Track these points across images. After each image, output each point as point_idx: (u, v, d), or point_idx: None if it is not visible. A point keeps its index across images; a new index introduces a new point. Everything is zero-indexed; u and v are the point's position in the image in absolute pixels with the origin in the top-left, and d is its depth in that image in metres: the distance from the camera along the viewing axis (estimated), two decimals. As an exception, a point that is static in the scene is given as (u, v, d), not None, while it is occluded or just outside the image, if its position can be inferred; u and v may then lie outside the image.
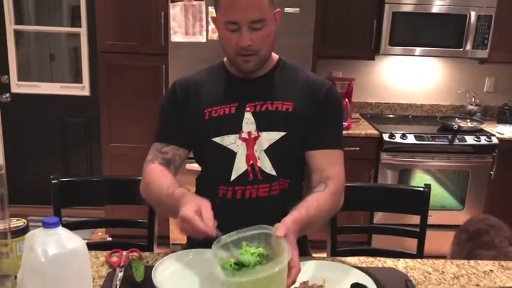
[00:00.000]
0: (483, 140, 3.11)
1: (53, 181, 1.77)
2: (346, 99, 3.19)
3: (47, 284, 1.01)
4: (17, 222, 1.23)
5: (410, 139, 3.09)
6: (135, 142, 3.09)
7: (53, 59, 3.75)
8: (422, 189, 1.79)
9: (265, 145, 1.34)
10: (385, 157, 3.11)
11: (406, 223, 1.97)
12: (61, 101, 3.68)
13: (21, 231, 1.19)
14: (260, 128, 1.35)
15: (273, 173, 1.36)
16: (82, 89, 3.65)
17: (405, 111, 3.70)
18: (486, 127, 3.29)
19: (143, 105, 3.10)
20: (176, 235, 3.07)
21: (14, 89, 3.63)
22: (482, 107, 3.58)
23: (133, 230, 1.84)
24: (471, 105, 3.56)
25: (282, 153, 1.36)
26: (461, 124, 3.24)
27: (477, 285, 1.30)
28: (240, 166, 1.35)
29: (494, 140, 3.12)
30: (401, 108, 3.70)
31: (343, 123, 3.01)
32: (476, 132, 3.18)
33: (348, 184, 1.80)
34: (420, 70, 3.63)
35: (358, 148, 3.07)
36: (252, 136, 1.35)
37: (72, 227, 1.79)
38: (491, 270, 1.38)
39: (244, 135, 1.35)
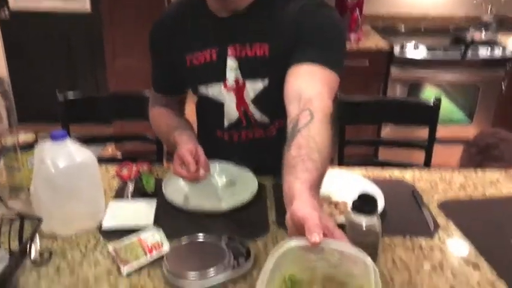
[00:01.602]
0: (496, 52, 3.01)
1: (59, 98, 1.77)
2: (357, 11, 3.06)
3: (59, 195, 1.03)
4: (25, 137, 1.23)
5: (422, 51, 3.00)
6: (140, 56, 3.02)
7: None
8: (432, 102, 1.77)
9: (251, 95, 1.26)
10: (395, 71, 3.04)
11: (414, 137, 1.96)
12: (63, 18, 3.57)
13: (31, 146, 1.20)
14: (244, 75, 1.24)
15: (265, 119, 1.31)
16: (83, 4, 3.53)
17: (418, 23, 3.56)
18: (501, 38, 3.17)
19: (146, 18, 2.99)
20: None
21: (12, 5, 3.52)
22: (499, 17, 3.43)
23: (143, 146, 1.86)
24: (486, 15, 3.41)
25: (270, 102, 1.24)
26: (474, 36, 3.13)
27: (483, 194, 1.31)
28: (231, 114, 1.30)
29: (508, 53, 3.02)
30: (413, 20, 3.56)
31: (351, 33, 2.97)
32: (490, 44, 3.08)
33: (356, 99, 1.79)
34: (435, -22, 3.44)
35: (367, 63, 3.00)
36: (240, 84, 1.25)
37: (81, 143, 1.83)
38: (497, 180, 1.38)
39: (231, 83, 1.25)
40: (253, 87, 1.25)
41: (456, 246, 1.08)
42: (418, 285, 0.95)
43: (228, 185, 1.30)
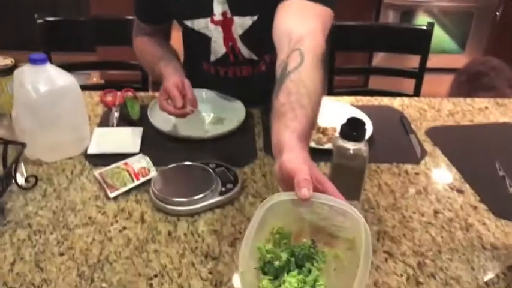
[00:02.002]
0: (493, -22, 2.92)
1: (39, 21, 1.69)
2: None
3: (41, 120, 1.00)
4: (4, 61, 1.19)
5: (416, -24, 2.90)
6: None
7: None
8: (425, 27, 1.73)
9: (239, 31, 1.20)
10: (387, -4, 2.95)
11: (405, 66, 1.92)
12: None
13: (9, 70, 1.15)
14: (232, 11, 1.18)
15: (253, 56, 1.26)
16: None
17: None
18: (498, -37, 3.07)
19: None
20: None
21: None
22: None
23: (128, 74, 1.81)
24: None
25: (258, 38, 1.18)
26: (472, -40, 3.01)
27: (471, 120, 1.31)
28: (218, 50, 1.25)
29: (505, -22, 2.93)
30: None
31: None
32: (487, -32, 2.98)
33: (347, 23, 1.74)
34: None
35: (359, -13, 2.90)
36: (228, 17, 1.18)
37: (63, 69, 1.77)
38: (486, 107, 1.38)
39: (218, 17, 1.19)
40: (242, 23, 1.19)
41: (441, 171, 1.09)
42: (402, 208, 0.96)
43: (215, 112, 1.28)
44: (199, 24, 1.21)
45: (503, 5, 2.99)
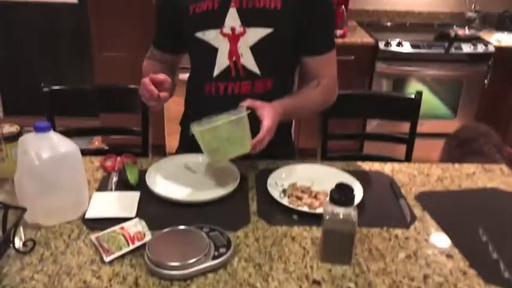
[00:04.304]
0: (479, 48, 3.07)
1: (44, 89, 1.77)
2: (343, 6, 3.09)
3: (42, 186, 1.04)
4: (10, 128, 1.24)
5: (406, 47, 3.05)
6: (128, 51, 3.04)
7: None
8: (413, 96, 1.80)
9: (252, 41, 1.34)
10: (380, 66, 3.08)
11: (398, 132, 1.97)
12: (50, 9, 3.55)
13: (15, 137, 1.21)
14: (246, 23, 1.33)
15: (256, 70, 1.36)
16: (69, -4, 3.52)
17: (403, 19, 3.61)
18: (484, 35, 3.23)
19: (133, 12, 3.00)
20: (172, 143, 3.13)
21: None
22: (482, 13, 3.49)
23: (129, 139, 1.87)
24: (470, 11, 3.46)
25: (268, 51, 1.35)
26: (458, 32, 3.18)
27: (459, 186, 1.35)
28: (222, 62, 1.37)
29: (491, 48, 3.07)
30: (399, 16, 3.60)
31: (337, 29, 2.99)
32: (473, 40, 3.13)
33: (340, 92, 1.82)
34: (420, -26, 3.49)
35: (353, 57, 3.04)
36: (236, 32, 1.33)
37: (66, 135, 1.83)
38: (473, 173, 1.42)
39: (227, 30, 1.33)
40: (255, 34, 1.33)
41: (431, 236, 1.11)
42: (392, 273, 0.98)
43: (210, 176, 1.32)
44: (210, 34, 1.35)
45: (490, 74, 3.12)
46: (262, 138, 1.19)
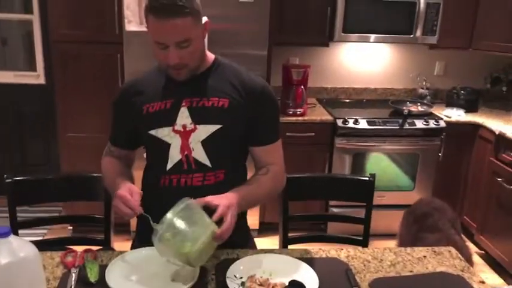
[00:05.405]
0: (431, 124, 3.26)
1: (7, 180, 1.78)
2: (302, 87, 3.26)
3: (-1, 292, 1.05)
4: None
5: (363, 124, 3.21)
6: (92, 132, 3.08)
7: (5, 43, 3.65)
8: (367, 178, 1.89)
9: (203, 136, 1.44)
10: (339, 142, 3.22)
11: (362, 208, 2.03)
12: (16, 90, 3.61)
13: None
14: (196, 121, 1.44)
15: (207, 163, 1.45)
16: (37, 78, 3.59)
17: (360, 95, 3.82)
18: (435, 110, 3.44)
19: (99, 94, 3.08)
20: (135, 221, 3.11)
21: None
22: (433, 90, 3.73)
23: (91, 225, 1.88)
24: (422, 88, 3.70)
25: (218, 145, 1.45)
26: (411, 108, 3.38)
27: (411, 271, 1.42)
28: (174, 156, 1.45)
29: (442, 124, 3.27)
30: (356, 93, 3.81)
31: (297, 108, 3.15)
32: (426, 116, 3.33)
33: (297, 175, 1.90)
34: (374, 55, 3.74)
35: (313, 133, 3.17)
36: (187, 129, 1.44)
37: (28, 225, 1.83)
38: (424, 256, 1.50)
39: (178, 127, 1.44)
40: (206, 130, 1.43)
41: (383, 326, 1.16)
42: None
43: (169, 271, 1.34)
44: (163, 132, 1.44)
45: (443, 148, 3.30)
46: (225, 215, 1.27)
